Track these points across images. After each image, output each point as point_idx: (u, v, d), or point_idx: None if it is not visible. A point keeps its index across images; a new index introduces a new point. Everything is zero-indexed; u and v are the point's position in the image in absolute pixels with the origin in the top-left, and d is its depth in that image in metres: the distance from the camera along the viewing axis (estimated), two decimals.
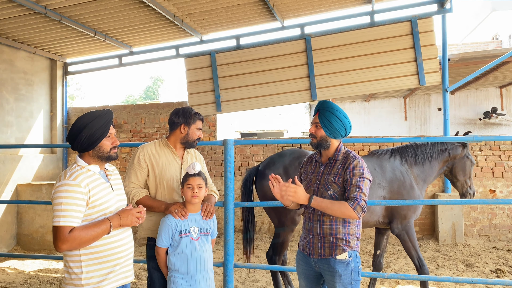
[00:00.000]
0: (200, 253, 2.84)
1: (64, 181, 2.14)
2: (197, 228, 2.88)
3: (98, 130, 2.25)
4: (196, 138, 3.19)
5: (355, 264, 2.52)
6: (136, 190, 2.99)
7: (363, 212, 2.41)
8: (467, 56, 7.75)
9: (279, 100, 7.74)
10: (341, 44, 7.43)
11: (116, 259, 2.27)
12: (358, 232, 2.58)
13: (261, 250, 6.86)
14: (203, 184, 2.85)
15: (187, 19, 7.13)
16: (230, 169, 4.00)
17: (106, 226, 2.18)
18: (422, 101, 12.08)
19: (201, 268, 2.83)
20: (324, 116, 2.58)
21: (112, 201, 2.30)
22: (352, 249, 2.53)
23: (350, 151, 2.64)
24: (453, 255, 6.37)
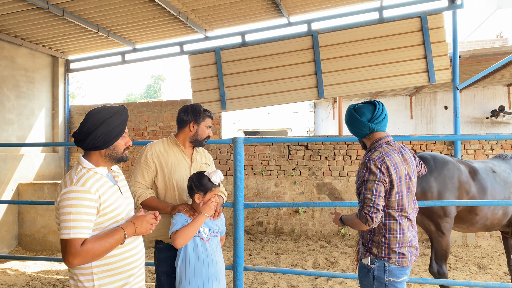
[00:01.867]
0: (212, 255, 2.70)
1: (71, 187, 1.91)
2: (207, 229, 2.74)
3: (116, 128, 2.05)
4: (206, 136, 3.05)
5: (379, 274, 2.36)
6: (141, 190, 2.85)
7: (372, 218, 2.24)
8: (477, 53, 7.59)
9: (285, 98, 7.59)
10: (349, 40, 7.28)
11: (130, 269, 2.09)
12: (393, 241, 2.35)
13: (268, 251, 6.72)
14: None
15: (192, 15, 6.97)
16: (240, 168, 3.86)
17: (120, 235, 1.97)
18: (428, 100, 11.93)
19: (213, 271, 2.69)
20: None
21: (123, 207, 2.11)
22: (376, 257, 2.38)
23: (376, 148, 2.41)
24: (465, 256, 6.22)
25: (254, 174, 7.79)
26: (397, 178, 2.31)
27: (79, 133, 2.02)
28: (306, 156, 7.63)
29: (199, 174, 2.73)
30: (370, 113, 2.43)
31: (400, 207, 2.35)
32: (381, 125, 2.44)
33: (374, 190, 2.26)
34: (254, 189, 7.76)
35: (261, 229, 7.71)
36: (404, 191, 2.36)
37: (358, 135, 2.51)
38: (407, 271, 2.42)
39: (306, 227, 7.53)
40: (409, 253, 2.38)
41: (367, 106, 2.46)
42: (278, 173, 7.71)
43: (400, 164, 2.35)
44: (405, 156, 2.44)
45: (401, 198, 2.34)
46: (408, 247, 2.39)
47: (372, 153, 2.37)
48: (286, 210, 7.60)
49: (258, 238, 7.54)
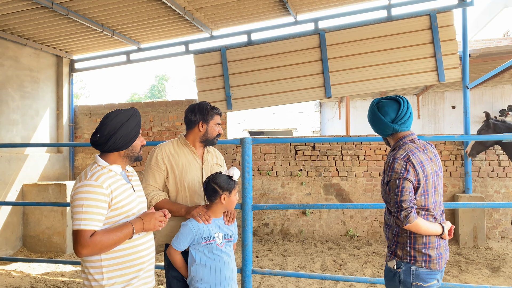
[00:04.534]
0: (227, 260, 2.65)
1: (85, 182, 2.02)
2: (221, 234, 2.67)
3: (134, 129, 2.18)
4: (216, 134, 2.97)
5: (406, 278, 2.25)
6: (154, 193, 2.78)
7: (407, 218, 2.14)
8: (488, 52, 7.46)
9: (292, 98, 7.49)
10: (356, 39, 7.17)
11: (139, 263, 2.15)
12: (418, 242, 2.25)
13: (275, 253, 6.63)
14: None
15: (198, 13, 6.89)
16: (248, 169, 3.78)
17: (128, 230, 2.07)
18: (435, 99, 11.79)
19: (229, 277, 2.65)
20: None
21: (134, 203, 2.19)
22: (402, 260, 2.28)
23: (400, 147, 2.31)
24: (476, 258, 6.10)
25: (260, 175, 7.70)
26: (423, 177, 2.23)
27: (100, 136, 2.12)
28: (313, 156, 7.53)
29: (218, 175, 2.67)
30: (394, 113, 2.32)
31: (426, 206, 2.26)
32: (405, 125, 2.34)
33: (404, 187, 2.18)
34: (260, 189, 7.67)
35: (267, 230, 7.62)
36: (430, 190, 2.27)
37: (381, 134, 2.43)
38: (437, 275, 2.29)
39: (313, 228, 7.43)
40: (437, 255, 2.27)
41: (391, 104, 2.34)
42: (284, 173, 7.61)
43: (425, 162, 2.27)
44: (429, 154, 2.35)
45: (427, 198, 2.26)
46: (435, 248, 2.28)
47: (396, 152, 2.29)
48: (293, 211, 7.51)
49: (265, 239, 7.44)
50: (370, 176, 7.27)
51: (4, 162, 6.84)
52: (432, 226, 2.25)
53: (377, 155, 7.28)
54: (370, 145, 7.29)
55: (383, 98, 2.41)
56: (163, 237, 2.87)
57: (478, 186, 6.87)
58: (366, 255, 6.36)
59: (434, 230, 2.25)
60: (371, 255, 6.39)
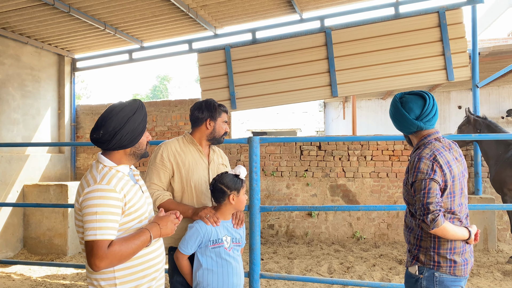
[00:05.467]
0: (235, 266, 2.54)
1: (96, 186, 1.80)
2: (229, 238, 2.55)
3: (141, 124, 1.98)
4: (223, 132, 2.86)
5: (429, 285, 2.12)
6: (158, 192, 2.65)
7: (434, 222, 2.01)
8: (497, 50, 7.32)
9: (297, 97, 7.36)
10: (363, 37, 7.03)
11: (153, 272, 1.99)
12: (443, 247, 2.12)
13: (280, 255, 6.49)
14: None
15: (202, 11, 6.76)
16: (256, 169, 3.65)
17: (146, 237, 1.89)
18: (441, 99, 11.65)
19: (236, 282, 2.54)
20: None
21: (146, 206, 2.02)
22: (424, 265, 2.15)
23: (425, 145, 2.18)
24: (487, 261, 5.95)
25: (265, 175, 7.57)
26: (451, 178, 2.10)
27: (104, 133, 1.89)
28: (319, 156, 7.39)
29: (224, 174, 2.56)
30: (419, 109, 2.18)
31: (452, 209, 2.13)
32: (430, 123, 2.21)
33: (430, 188, 2.05)
34: (265, 190, 7.53)
35: (272, 232, 7.48)
36: (457, 192, 2.14)
37: (404, 131, 2.30)
38: (462, 282, 2.16)
39: (319, 230, 7.29)
40: (463, 261, 2.13)
41: (415, 100, 2.20)
42: (290, 174, 7.47)
43: (452, 162, 2.14)
44: (455, 153, 2.22)
45: (453, 200, 2.13)
46: (461, 253, 2.14)
47: (421, 151, 2.15)
48: (298, 212, 7.37)
49: (270, 241, 7.30)
50: (377, 177, 7.12)
51: (4, 162, 6.72)
52: (459, 230, 2.12)
53: (384, 155, 7.14)
54: (378, 145, 7.15)
55: (407, 93, 2.28)
56: (168, 240, 2.73)
57: (488, 187, 6.72)
58: (374, 258, 6.21)
59: (461, 234, 2.12)
60: (379, 257, 6.25)
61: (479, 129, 5.93)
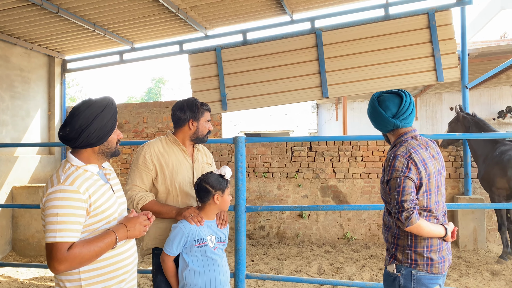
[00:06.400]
0: (221, 263, 2.53)
1: (58, 187, 1.75)
2: (214, 237, 2.54)
3: (110, 122, 1.92)
4: (207, 131, 2.83)
5: (406, 283, 2.11)
6: (141, 194, 2.61)
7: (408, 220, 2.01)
8: (487, 51, 7.36)
9: (288, 98, 7.35)
10: (353, 38, 7.04)
11: (122, 274, 1.94)
12: (420, 245, 2.12)
13: (270, 256, 6.47)
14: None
15: (192, 12, 6.75)
16: (242, 169, 3.63)
17: (111, 239, 1.84)
18: (433, 100, 11.69)
19: (223, 280, 2.54)
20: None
21: (115, 206, 1.96)
22: (402, 264, 2.14)
23: (401, 143, 2.18)
24: (476, 262, 5.96)
25: (256, 177, 7.55)
26: (426, 176, 2.10)
27: (70, 130, 1.84)
28: (309, 158, 7.39)
29: (209, 174, 2.55)
30: (395, 108, 2.19)
31: (428, 207, 2.12)
32: (407, 121, 2.21)
33: (405, 186, 2.05)
34: (256, 192, 7.51)
35: (263, 233, 7.46)
36: (433, 190, 2.14)
37: (381, 130, 2.31)
38: (440, 280, 2.15)
39: (310, 231, 7.28)
40: (440, 259, 2.13)
41: (392, 99, 2.21)
42: (280, 175, 7.46)
43: (428, 160, 2.14)
44: (432, 151, 2.22)
45: (429, 198, 2.12)
46: (438, 251, 2.13)
47: (397, 149, 2.15)
48: (289, 213, 7.35)
49: (261, 242, 7.28)
50: (367, 178, 7.13)
51: None
52: (435, 228, 2.12)
53: (374, 156, 7.15)
54: (368, 146, 7.16)
55: (384, 92, 2.29)
56: (152, 240, 2.71)
57: (478, 188, 6.74)
58: (364, 259, 6.21)
59: (437, 232, 2.12)
60: (369, 258, 6.24)
61: (468, 127, 5.96)
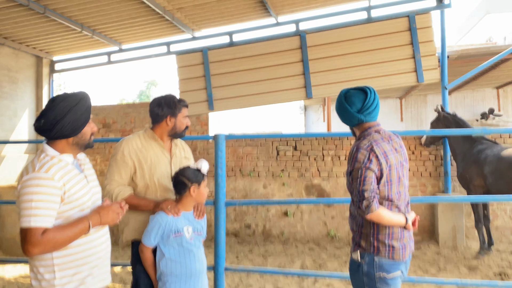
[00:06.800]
0: (197, 253, 2.63)
1: (33, 174, 1.83)
2: (191, 228, 2.64)
3: (84, 115, 2.02)
4: (185, 127, 2.91)
5: (369, 269, 2.22)
6: (119, 188, 2.69)
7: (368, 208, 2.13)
8: (466, 53, 7.56)
9: (273, 98, 7.50)
10: (337, 40, 7.22)
11: (95, 260, 2.02)
12: (382, 232, 2.22)
13: (255, 254, 6.57)
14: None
15: (178, 13, 6.87)
16: (222, 165, 3.74)
17: (84, 225, 1.92)
18: (418, 102, 11.92)
19: (199, 269, 2.64)
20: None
21: (89, 195, 2.05)
22: (365, 251, 2.25)
23: (364, 137, 2.30)
24: (454, 257, 6.12)
25: (242, 176, 7.66)
26: (387, 167, 2.21)
27: (45, 122, 1.93)
28: (294, 157, 7.52)
29: (186, 168, 2.65)
30: (360, 103, 2.30)
31: (389, 197, 2.23)
32: (371, 116, 2.33)
33: (366, 177, 2.16)
34: (242, 190, 7.62)
35: (249, 231, 7.57)
36: (394, 181, 2.25)
37: (348, 124, 2.43)
38: (401, 266, 2.26)
39: (295, 229, 7.40)
40: (401, 246, 2.24)
41: (358, 95, 2.32)
42: (266, 174, 7.58)
43: (389, 152, 2.25)
44: (394, 144, 2.34)
45: (390, 188, 2.23)
46: (399, 238, 2.25)
47: (360, 142, 2.27)
48: (275, 212, 7.47)
49: (246, 241, 7.39)
50: None
51: None
52: (395, 217, 2.23)
53: None
54: (351, 145, 7.29)
55: (352, 89, 2.40)
56: (131, 233, 2.79)
57: (458, 186, 6.92)
58: (346, 255, 6.34)
59: (397, 220, 2.23)
60: None
61: (448, 125, 6.12)
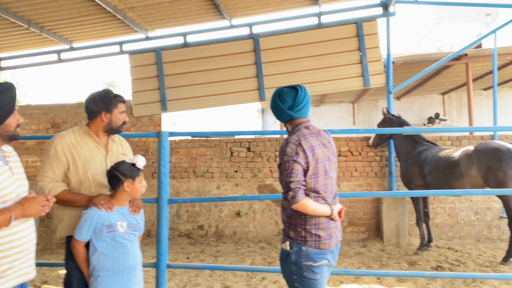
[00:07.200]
0: (130, 248, 2.62)
1: None
2: (125, 223, 2.64)
3: (7, 105, 1.98)
4: (122, 123, 2.91)
5: (297, 259, 2.32)
6: (52, 184, 2.64)
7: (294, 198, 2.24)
8: (410, 60, 7.98)
9: (227, 100, 7.59)
10: (289, 44, 7.42)
11: (16, 253, 1.98)
12: (309, 222, 2.33)
13: (206, 254, 6.60)
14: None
15: (130, 12, 6.82)
16: (165, 162, 3.76)
17: (5, 216, 1.89)
18: (369, 107, 12.39)
19: (132, 263, 2.63)
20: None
21: (13, 187, 2.01)
22: (294, 241, 2.35)
23: (294, 132, 2.42)
24: (397, 254, 6.42)
25: (196, 177, 7.67)
26: (313, 160, 2.32)
27: None
28: (248, 158, 7.63)
29: (121, 162, 2.64)
30: (291, 100, 2.42)
31: (316, 189, 2.34)
32: (301, 112, 2.45)
33: (293, 169, 2.27)
34: (195, 191, 7.63)
35: (202, 232, 7.59)
36: (320, 174, 2.36)
37: (280, 120, 2.55)
38: (327, 255, 2.37)
39: (247, 229, 7.50)
40: (327, 235, 2.35)
41: (289, 92, 2.44)
42: (220, 175, 7.64)
43: (317, 147, 2.36)
44: (323, 140, 2.46)
45: (317, 180, 2.34)
46: (325, 229, 2.36)
47: (290, 136, 2.39)
48: (228, 212, 7.54)
49: (199, 241, 7.40)
50: None
51: None
52: (320, 207, 2.34)
53: None
54: None
55: (285, 87, 2.52)
56: (65, 229, 2.76)
57: (401, 186, 7.25)
58: None
59: (323, 210, 2.34)
60: None
61: (393, 127, 6.42)
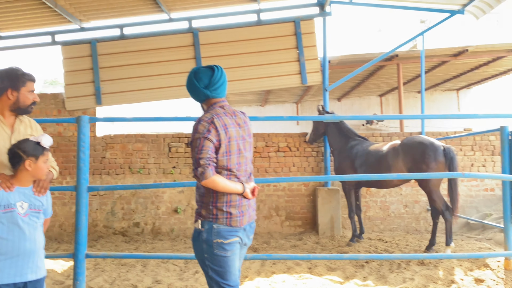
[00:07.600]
0: (29, 231, 2.46)
1: None
2: (26, 204, 2.49)
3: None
4: (31, 102, 2.77)
5: (208, 237, 2.30)
6: None
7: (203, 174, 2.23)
8: (345, 59, 8.26)
9: (165, 94, 7.47)
10: (229, 40, 7.44)
11: None
12: (220, 200, 2.33)
13: (140, 251, 6.40)
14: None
15: (62, 1, 6.54)
16: (84, 149, 3.63)
17: None
18: (312, 107, 12.70)
19: (30, 247, 2.46)
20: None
21: None
22: (205, 219, 2.33)
23: (209, 111, 2.41)
24: (330, 245, 6.59)
25: (132, 173, 7.44)
26: (226, 138, 2.31)
27: None
28: (187, 153, 7.53)
29: (24, 140, 2.49)
30: (207, 79, 2.41)
31: (228, 167, 2.34)
32: (217, 92, 2.43)
33: (203, 146, 2.26)
34: None
35: (138, 230, 7.38)
36: (233, 152, 2.36)
37: (196, 99, 2.51)
38: (239, 233, 2.36)
39: (185, 226, 7.39)
40: (239, 213, 2.35)
41: (206, 72, 2.43)
42: (157, 171, 7.47)
43: (230, 126, 2.36)
44: (238, 120, 2.46)
45: (229, 159, 2.34)
46: (237, 206, 2.36)
47: (203, 115, 2.38)
48: (165, 210, 7.39)
49: (134, 239, 7.18)
50: None
51: None
52: (232, 184, 2.34)
53: None
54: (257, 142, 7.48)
55: (202, 67, 2.51)
56: None
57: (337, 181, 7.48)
58: None
59: (234, 188, 2.34)
60: None
61: (328, 123, 6.62)
